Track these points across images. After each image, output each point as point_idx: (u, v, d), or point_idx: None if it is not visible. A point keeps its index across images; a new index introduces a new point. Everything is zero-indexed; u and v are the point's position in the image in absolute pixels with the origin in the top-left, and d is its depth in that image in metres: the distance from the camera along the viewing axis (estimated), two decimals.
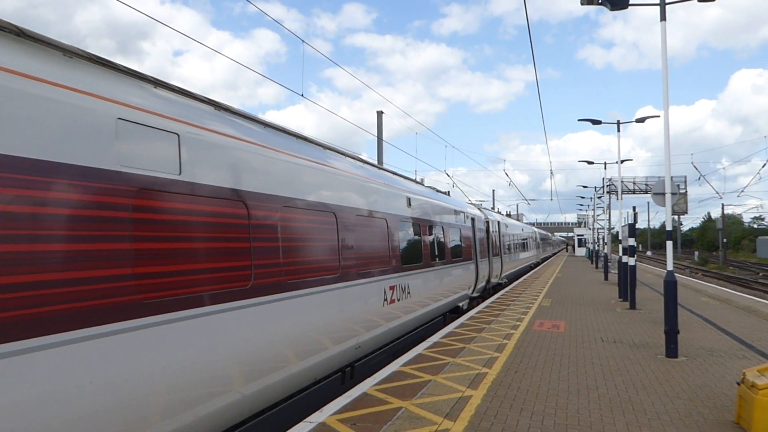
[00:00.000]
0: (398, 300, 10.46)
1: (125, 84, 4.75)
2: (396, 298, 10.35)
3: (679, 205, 43.57)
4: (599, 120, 22.68)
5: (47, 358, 3.67)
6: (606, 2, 10.66)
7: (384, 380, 8.00)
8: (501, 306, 17.01)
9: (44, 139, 3.81)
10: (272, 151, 6.65)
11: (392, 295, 10.20)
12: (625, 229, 20.00)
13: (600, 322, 13.77)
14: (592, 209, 50.57)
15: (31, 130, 3.74)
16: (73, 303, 3.88)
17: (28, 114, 3.73)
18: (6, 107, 3.60)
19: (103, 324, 4.09)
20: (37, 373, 3.62)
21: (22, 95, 3.71)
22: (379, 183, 10.49)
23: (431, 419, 6.27)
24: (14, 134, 3.62)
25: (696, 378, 8.30)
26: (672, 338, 9.67)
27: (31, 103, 3.76)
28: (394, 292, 10.31)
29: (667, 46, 10.17)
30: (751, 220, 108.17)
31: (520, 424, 6.24)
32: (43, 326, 3.67)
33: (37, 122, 3.78)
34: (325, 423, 6.16)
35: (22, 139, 3.66)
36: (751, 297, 21.89)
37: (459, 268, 16.18)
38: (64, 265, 3.84)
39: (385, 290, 9.80)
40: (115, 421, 4.15)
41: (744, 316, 15.16)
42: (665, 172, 10.52)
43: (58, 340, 3.75)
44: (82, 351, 3.91)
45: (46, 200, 3.78)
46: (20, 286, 3.56)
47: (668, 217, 10.59)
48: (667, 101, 10.22)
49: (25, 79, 3.76)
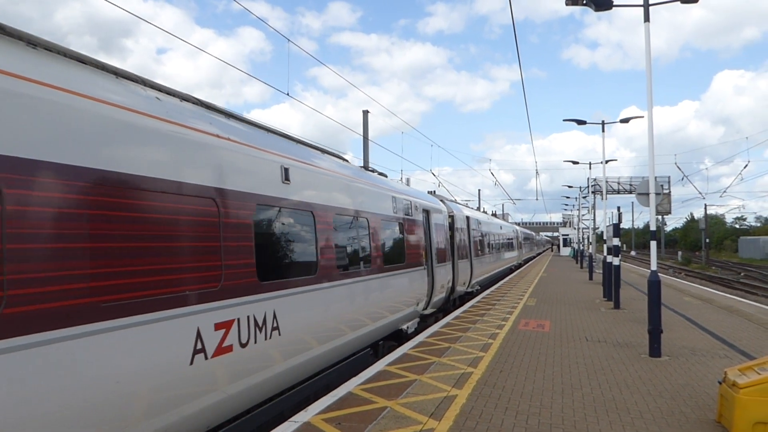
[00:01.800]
0: (245, 344, 5.99)
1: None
2: (239, 342, 5.88)
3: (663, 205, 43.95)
4: (584, 120, 22.81)
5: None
6: (590, 3, 10.73)
7: (369, 380, 7.99)
8: (486, 306, 17.05)
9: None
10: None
11: (222, 341, 5.62)
12: (609, 229, 20.15)
13: (584, 322, 13.85)
14: (577, 209, 50.94)
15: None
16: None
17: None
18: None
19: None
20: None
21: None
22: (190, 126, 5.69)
23: (416, 419, 6.27)
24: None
25: (678, 377, 8.37)
26: (655, 338, 9.75)
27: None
28: (232, 332, 5.77)
29: (651, 47, 10.26)
30: (733, 221, 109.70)
31: (504, 423, 6.25)
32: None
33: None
34: (309, 422, 6.13)
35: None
36: (733, 297, 22.18)
37: (400, 278, 11.80)
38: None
39: (200, 334, 5.32)
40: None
41: (726, 315, 15.34)
42: (649, 172, 10.60)
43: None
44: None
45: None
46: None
47: (652, 217, 10.68)
48: (651, 102, 10.31)
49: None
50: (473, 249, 21.44)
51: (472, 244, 21.42)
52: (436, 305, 15.20)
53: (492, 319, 14.01)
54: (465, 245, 20.04)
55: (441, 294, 15.70)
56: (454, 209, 19.50)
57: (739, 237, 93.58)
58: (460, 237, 19.42)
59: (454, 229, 18.34)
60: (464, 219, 20.74)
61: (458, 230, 19.09)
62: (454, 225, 18.56)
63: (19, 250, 3.68)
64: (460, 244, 19.04)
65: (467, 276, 19.60)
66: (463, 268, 18.97)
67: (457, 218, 19.26)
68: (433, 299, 14.67)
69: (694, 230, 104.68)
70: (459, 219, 19.57)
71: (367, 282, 9.88)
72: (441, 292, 15.66)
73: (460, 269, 18.47)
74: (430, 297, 14.30)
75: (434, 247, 15.02)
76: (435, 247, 15.09)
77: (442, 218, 16.76)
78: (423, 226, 14.17)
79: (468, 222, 21.35)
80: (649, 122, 10.39)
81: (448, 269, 16.66)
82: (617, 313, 15.71)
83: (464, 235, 20.20)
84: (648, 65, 10.27)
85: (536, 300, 18.70)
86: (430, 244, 14.75)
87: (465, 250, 19.90)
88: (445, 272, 16.14)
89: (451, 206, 19.55)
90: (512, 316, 14.70)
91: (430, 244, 14.75)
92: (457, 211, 19.85)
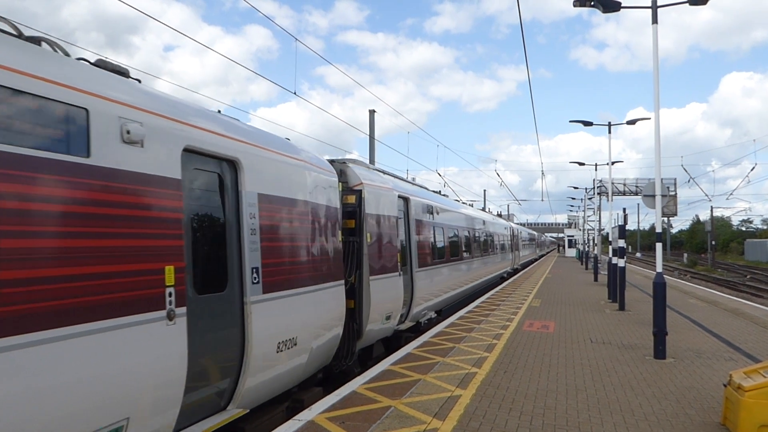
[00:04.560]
0: None
1: None
2: None
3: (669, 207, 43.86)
4: (590, 121, 22.76)
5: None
6: (598, 4, 10.71)
7: (373, 379, 8.00)
8: (491, 306, 17.04)
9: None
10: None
11: None
12: (615, 231, 20.10)
13: (589, 323, 13.83)
14: (583, 210, 50.81)
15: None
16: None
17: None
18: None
19: None
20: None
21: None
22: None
23: (420, 418, 6.27)
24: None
25: (683, 379, 8.35)
26: (660, 340, 9.72)
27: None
28: None
29: (658, 49, 10.23)
30: (739, 223, 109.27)
31: (508, 424, 6.25)
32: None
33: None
34: (313, 421, 6.15)
35: None
36: (739, 299, 22.09)
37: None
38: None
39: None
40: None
41: (731, 318, 15.28)
42: (656, 174, 10.57)
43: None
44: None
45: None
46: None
47: (658, 219, 10.65)
48: (658, 103, 10.28)
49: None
50: (419, 254, 13.27)
51: (417, 246, 13.14)
52: (274, 390, 6.95)
53: (496, 320, 14.00)
54: (394, 248, 11.29)
55: (306, 370, 7.60)
56: (368, 180, 10.50)
57: (746, 239, 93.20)
58: (386, 233, 10.96)
59: (362, 218, 9.97)
60: (393, 201, 11.53)
61: (380, 221, 10.74)
62: (364, 210, 10.00)
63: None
64: (384, 245, 10.78)
65: (399, 303, 11.48)
66: (391, 288, 10.98)
67: (372, 198, 10.31)
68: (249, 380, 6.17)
69: (700, 232, 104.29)
70: (379, 200, 10.72)
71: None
72: (315, 363, 7.85)
73: (385, 289, 10.64)
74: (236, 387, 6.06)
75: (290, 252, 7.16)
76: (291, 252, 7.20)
77: (328, 196, 8.51)
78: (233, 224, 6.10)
79: (407, 207, 12.86)
80: (656, 124, 10.37)
81: (340, 294, 8.59)
82: (622, 314, 15.67)
83: (394, 229, 11.42)
84: (655, 67, 10.24)
85: (541, 301, 18.67)
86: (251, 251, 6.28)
87: (393, 257, 11.19)
88: (332, 302, 8.29)
89: (365, 174, 10.59)
90: (517, 316, 14.68)
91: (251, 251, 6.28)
92: (375, 186, 10.65)
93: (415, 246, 12.82)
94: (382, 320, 10.49)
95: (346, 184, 9.87)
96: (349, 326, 9.43)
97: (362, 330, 9.75)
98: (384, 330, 10.84)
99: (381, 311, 10.31)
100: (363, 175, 10.30)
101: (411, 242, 12.77)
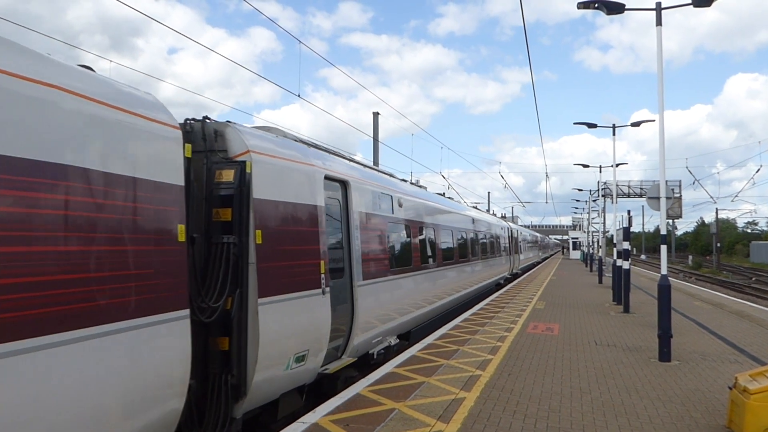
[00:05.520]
0: None
1: None
2: None
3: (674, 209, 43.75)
4: (595, 123, 22.71)
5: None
6: (602, 6, 10.70)
7: (377, 381, 8.00)
8: (495, 308, 17.02)
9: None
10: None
11: None
12: (619, 233, 20.06)
13: (594, 326, 13.80)
14: (587, 212, 50.72)
15: None
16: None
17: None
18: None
19: None
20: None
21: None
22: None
23: (424, 421, 6.27)
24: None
25: (688, 382, 8.32)
26: (665, 342, 9.69)
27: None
28: None
29: (662, 51, 10.21)
30: (744, 225, 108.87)
31: (513, 426, 6.24)
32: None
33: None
34: (318, 424, 6.15)
35: None
36: (744, 302, 22.02)
37: None
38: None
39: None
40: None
41: (737, 320, 15.23)
42: (660, 176, 10.56)
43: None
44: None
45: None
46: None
47: (663, 222, 10.63)
48: (662, 105, 10.27)
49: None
50: (366, 261, 9.54)
51: (362, 250, 9.38)
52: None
53: (501, 322, 13.98)
54: (312, 252, 7.67)
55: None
56: (262, 148, 6.89)
57: (751, 241, 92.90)
58: (296, 230, 7.43)
59: (244, 206, 6.43)
60: (312, 182, 7.86)
61: (284, 211, 7.16)
62: (250, 192, 6.48)
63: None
64: (290, 248, 7.21)
65: (323, 333, 7.77)
66: (304, 312, 7.31)
67: (266, 175, 6.78)
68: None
69: (705, 234, 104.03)
70: (282, 179, 7.18)
71: None
72: None
73: (291, 315, 7.03)
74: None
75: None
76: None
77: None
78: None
79: (347, 194, 9.15)
80: (660, 126, 10.35)
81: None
82: (627, 317, 15.63)
83: (313, 224, 7.77)
84: (660, 69, 10.22)
85: (545, 303, 18.64)
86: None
87: (310, 266, 7.59)
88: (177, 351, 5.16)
89: (257, 142, 6.91)
90: (521, 319, 14.66)
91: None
92: (273, 157, 7.06)
93: (359, 249, 9.21)
94: (288, 364, 6.92)
95: (224, 153, 6.59)
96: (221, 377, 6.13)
97: (246, 383, 6.22)
98: (292, 378, 7.17)
99: (282, 350, 6.79)
100: (252, 143, 6.67)
101: (352, 244, 9.03)
